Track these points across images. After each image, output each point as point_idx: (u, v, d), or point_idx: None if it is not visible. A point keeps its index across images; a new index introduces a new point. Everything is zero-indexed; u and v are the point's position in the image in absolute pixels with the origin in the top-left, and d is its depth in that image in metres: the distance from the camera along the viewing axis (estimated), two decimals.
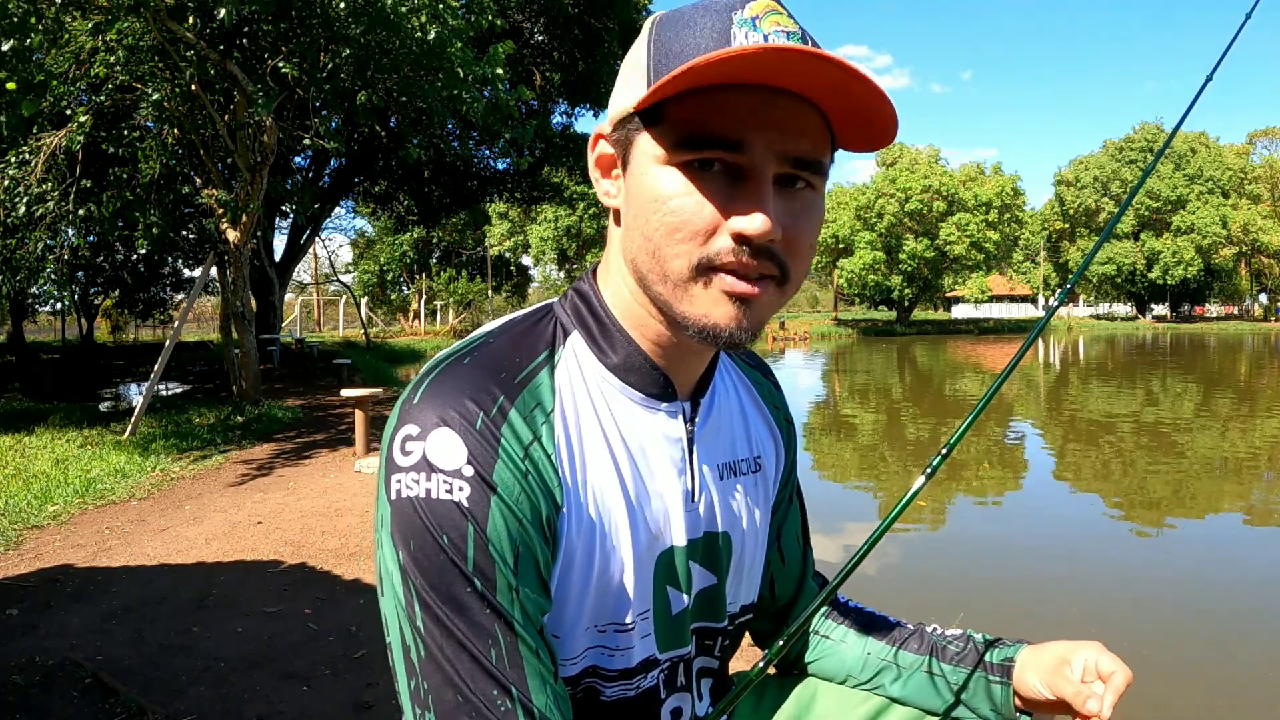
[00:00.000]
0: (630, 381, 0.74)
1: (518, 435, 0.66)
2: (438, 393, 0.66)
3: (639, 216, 0.67)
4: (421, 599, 0.63)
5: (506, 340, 0.73)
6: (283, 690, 2.61)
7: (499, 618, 0.63)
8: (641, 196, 0.67)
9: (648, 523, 0.74)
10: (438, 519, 0.63)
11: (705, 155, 0.64)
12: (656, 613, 0.76)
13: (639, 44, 0.70)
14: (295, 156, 15.84)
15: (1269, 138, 63.61)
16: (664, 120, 0.65)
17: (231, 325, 10.00)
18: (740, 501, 0.83)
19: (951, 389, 17.27)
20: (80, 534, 4.58)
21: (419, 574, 0.63)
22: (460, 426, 0.64)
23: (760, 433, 0.89)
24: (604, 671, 0.75)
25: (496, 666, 0.62)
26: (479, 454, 0.64)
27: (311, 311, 38.44)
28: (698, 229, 0.64)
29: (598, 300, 0.76)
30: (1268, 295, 60.88)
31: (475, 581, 0.63)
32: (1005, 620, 4.12)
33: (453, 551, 0.62)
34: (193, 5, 7.51)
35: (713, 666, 0.88)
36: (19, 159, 8.26)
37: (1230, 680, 3.47)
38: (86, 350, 23.98)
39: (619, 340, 0.74)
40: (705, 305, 0.66)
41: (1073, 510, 6.62)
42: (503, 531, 0.64)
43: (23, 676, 2.69)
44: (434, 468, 0.63)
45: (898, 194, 47.38)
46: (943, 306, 65.57)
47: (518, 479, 0.65)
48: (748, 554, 0.85)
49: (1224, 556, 5.20)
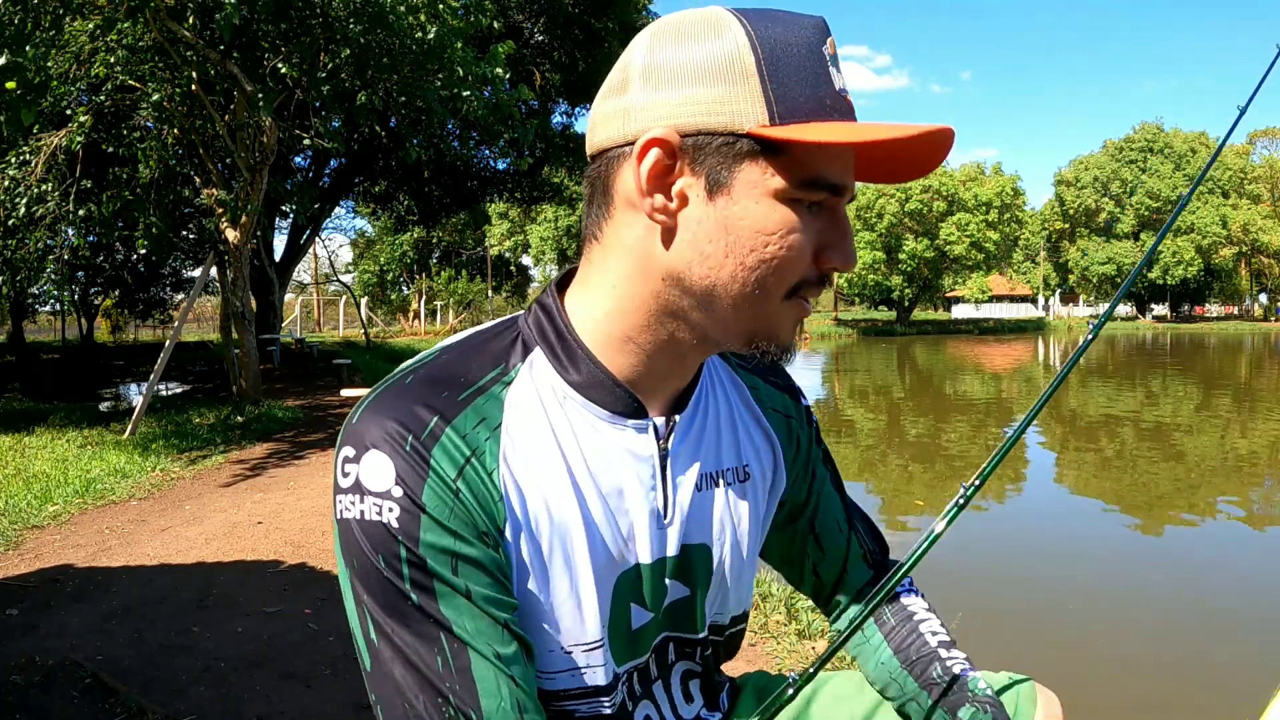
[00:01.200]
0: (593, 398, 0.73)
1: (449, 455, 0.66)
2: (374, 414, 0.67)
3: (739, 245, 0.66)
4: (370, 613, 0.65)
5: (457, 356, 0.73)
6: (283, 690, 2.61)
7: (441, 628, 0.64)
8: (749, 227, 0.66)
9: (607, 543, 0.73)
10: (371, 540, 0.64)
11: (817, 198, 0.67)
12: (615, 629, 0.76)
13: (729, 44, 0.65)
14: (295, 156, 15.84)
15: (1269, 138, 63.61)
16: (787, 154, 0.65)
17: (231, 325, 10.00)
18: (723, 512, 0.82)
19: (952, 389, 17.27)
20: (80, 534, 4.58)
21: (365, 591, 0.65)
22: (390, 448, 0.65)
23: (753, 440, 0.87)
24: (578, 691, 0.74)
25: (441, 675, 0.63)
26: (407, 476, 0.65)
27: (311, 311, 38.43)
28: (805, 263, 0.68)
29: (561, 317, 0.74)
30: (1268, 295, 60.86)
31: (413, 596, 0.64)
32: (1005, 620, 4.12)
33: (388, 570, 0.64)
34: (193, 5, 7.51)
35: (697, 670, 0.87)
36: (19, 159, 8.26)
37: (1232, 680, 3.47)
38: (86, 350, 23.98)
39: (581, 358, 0.73)
40: (785, 328, 0.71)
41: (1073, 510, 6.62)
42: (435, 548, 0.64)
43: (23, 676, 2.69)
44: (365, 490, 0.65)
45: (898, 194, 47.36)
46: (943, 306, 65.54)
47: (448, 499, 0.65)
48: (730, 565, 0.84)
49: (1225, 556, 5.20)
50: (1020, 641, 3.87)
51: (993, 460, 0.93)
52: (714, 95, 0.64)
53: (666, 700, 0.85)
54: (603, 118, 0.69)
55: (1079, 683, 3.33)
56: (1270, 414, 12.23)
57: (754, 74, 0.64)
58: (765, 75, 0.64)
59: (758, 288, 0.67)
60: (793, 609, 3.33)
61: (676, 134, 0.65)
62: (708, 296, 0.68)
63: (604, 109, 0.69)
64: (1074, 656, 3.64)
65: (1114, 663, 3.60)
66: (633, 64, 0.67)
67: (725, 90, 0.64)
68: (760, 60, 0.64)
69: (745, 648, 3.01)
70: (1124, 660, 3.66)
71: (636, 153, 0.66)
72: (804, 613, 3.30)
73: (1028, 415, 0.98)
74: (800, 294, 0.69)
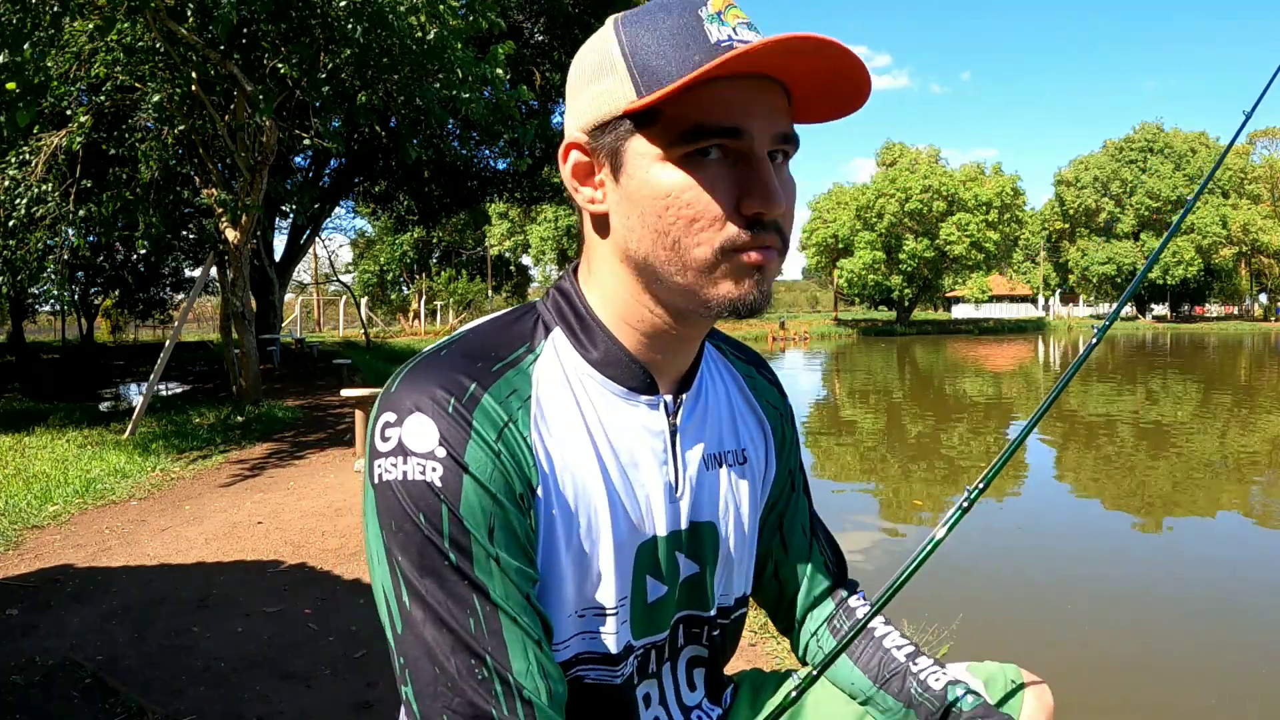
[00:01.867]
0: (611, 375, 0.77)
1: (490, 418, 0.69)
2: (414, 382, 0.70)
3: (647, 215, 0.70)
4: (405, 576, 0.66)
5: (486, 334, 0.77)
6: (283, 690, 2.61)
7: (476, 590, 0.65)
8: (648, 195, 0.70)
9: (628, 512, 0.76)
10: (414, 499, 0.66)
11: (705, 145, 0.68)
12: (634, 600, 0.78)
13: (603, 47, 0.72)
14: (295, 156, 15.84)
15: (1269, 138, 63.60)
16: (660, 120, 0.69)
17: (231, 325, 10.00)
18: (726, 492, 0.85)
19: (952, 389, 17.27)
20: (80, 534, 4.58)
21: (400, 553, 0.66)
22: (433, 411, 0.67)
23: (749, 426, 0.90)
24: (588, 656, 0.76)
25: (475, 637, 0.65)
26: (451, 436, 0.67)
27: (311, 311, 38.43)
28: (715, 215, 0.69)
29: (579, 298, 0.79)
30: (1268, 295, 60.87)
31: (451, 555, 0.65)
32: (1005, 619, 4.13)
33: (429, 529, 0.65)
34: (193, 5, 7.51)
35: (703, 656, 0.89)
36: (19, 159, 8.27)
37: (1233, 679, 3.47)
38: (86, 350, 23.98)
39: (599, 336, 0.77)
40: (729, 284, 0.71)
41: (1072, 509, 6.62)
42: (476, 508, 0.66)
43: (23, 676, 2.69)
44: (409, 451, 0.66)
45: (898, 194, 47.36)
46: (943, 306, 65.55)
47: (490, 458, 0.68)
48: (735, 545, 0.87)
49: (1224, 555, 5.20)
50: (1020, 641, 3.87)
51: (994, 467, 0.94)
52: (596, 91, 0.72)
53: (671, 683, 0.86)
54: None
55: (1078, 682, 3.33)
56: (1270, 414, 12.23)
57: (620, 61, 0.70)
58: (629, 58, 0.70)
59: (675, 248, 0.70)
60: None
61: (582, 134, 0.73)
62: (648, 268, 0.73)
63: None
64: (1073, 656, 3.65)
65: (1113, 662, 3.60)
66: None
67: (602, 84, 0.71)
68: (624, 48, 0.71)
69: (745, 648, 3.01)
70: (1123, 660, 3.66)
71: (560, 159, 0.76)
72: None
73: (1029, 422, 0.99)
74: (739, 248, 0.70)
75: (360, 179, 18.33)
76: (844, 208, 50.03)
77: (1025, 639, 3.91)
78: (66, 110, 8.30)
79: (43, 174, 8.24)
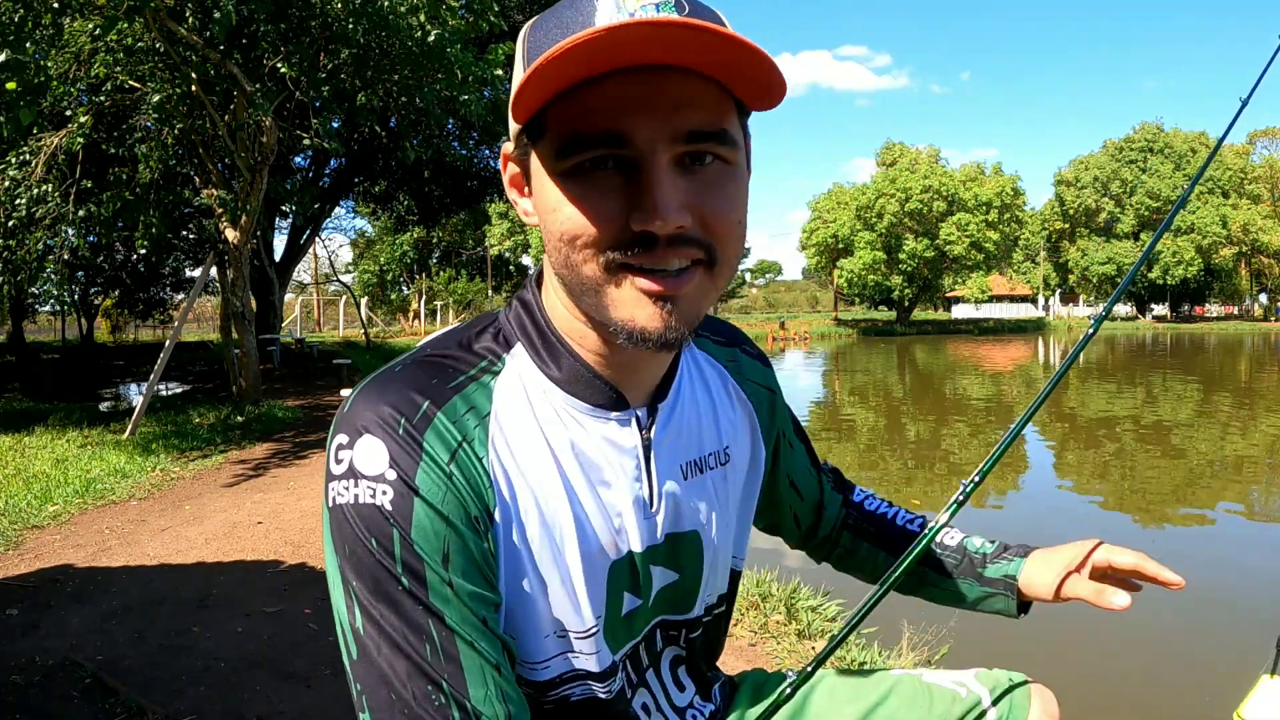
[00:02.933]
0: (575, 393, 0.73)
1: (443, 439, 0.66)
2: (366, 401, 0.67)
3: (547, 230, 0.66)
4: (359, 601, 0.64)
5: (445, 348, 0.73)
6: (283, 690, 2.61)
7: (431, 615, 0.64)
8: (543, 210, 0.66)
9: (597, 533, 0.74)
10: (365, 523, 0.64)
11: (589, 156, 0.61)
12: (610, 618, 0.77)
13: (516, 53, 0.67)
14: (295, 156, 15.84)
15: (1269, 138, 63.56)
16: (546, 130, 0.63)
17: (231, 325, 10.00)
18: (709, 498, 0.83)
19: (952, 389, 17.27)
20: (80, 534, 4.58)
21: (354, 577, 0.64)
22: (383, 432, 0.65)
23: (731, 419, 0.88)
24: (572, 675, 0.75)
25: (430, 663, 0.63)
26: (400, 458, 0.64)
27: (311, 311, 38.43)
28: (594, 233, 0.63)
29: (540, 312, 0.75)
30: (1268, 295, 60.84)
31: (404, 580, 0.63)
32: (1007, 628, 4.12)
33: (381, 554, 0.63)
34: (192, 5, 7.51)
35: (683, 655, 0.88)
36: (19, 159, 8.27)
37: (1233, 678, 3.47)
38: (86, 350, 23.98)
39: (562, 354, 0.73)
40: (627, 308, 0.65)
41: (1072, 509, 6.62)
42: (429, 531, 0.64)
43: (23, 676, 2.69)
44: (360, 474, 0.64)
45: (898, 194, 47.34)
46: (943, 306, 65.51)
47: (442, 481, 0.65)
48: (719, 549, 0.86)
49: (1224, 554, 5.20)
50: (1019, 640, 3.87)
51: (992, 458, 0.94)
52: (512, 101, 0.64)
53: (660, 688, 0.85)
54: None
55: (1077, 681, 3.33)
56: (1270, 414, 12.23)
57: (519, 64, 0.66)
58: (525, 59, 0.66)
59: (565, 266, 0.66)
60: (793, 609, 3.33)
61: (513, 145, 0.70)
62: (565, 287, 0.70)
63: None
64: (1072, 655, 3.64)
65: (1113, 661, 3.60)
66: None
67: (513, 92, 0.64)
68: (524, 49, 0.66)
69: (745, 648, 3.01)
70: (1123, 659, 3.66)
71: (502, 169, 0.73)
72: (804, 613, 3.30)
73: (1025, 414, 0.99)
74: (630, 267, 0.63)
75: (360, 179, 18.34)
76: (844, 208, 50.00)
77: (1025, 639, 3.90)
78: (66, 110, 8.31)
79: (43, 174, 8.24)
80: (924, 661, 3.12)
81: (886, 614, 3.52)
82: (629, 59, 0.58)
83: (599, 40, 0.54)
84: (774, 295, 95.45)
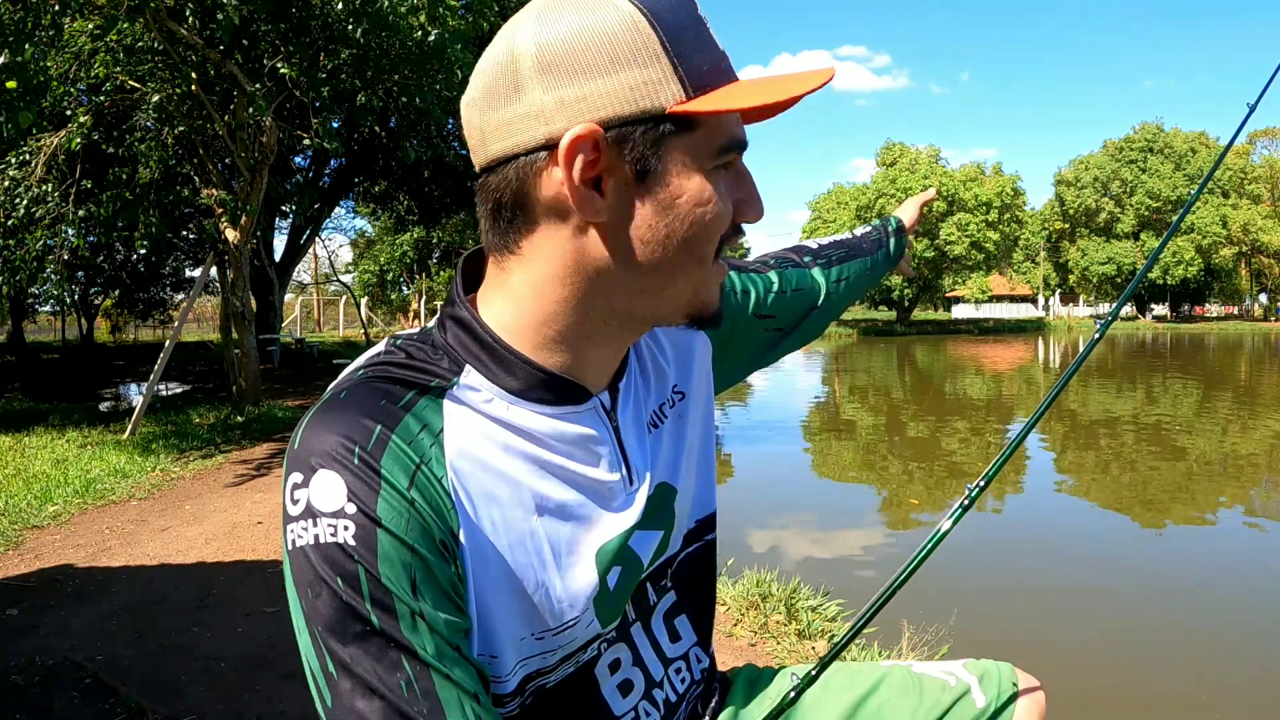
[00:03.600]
0: (535, 398, 0.71)
1: (400, 463, 0.64)
2: (314, 434, 0.64)
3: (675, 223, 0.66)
4: (327, 645, 0.61)
5: (384, 371, 0.70)
6: (283, 690, 2.61)
7: (403, 650, 0.61)
8: (685, 203, 0.66)
9: (578, 527, 0.73)
10: (329, 564, 0.61)
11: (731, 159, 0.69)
12: (598, 601, 0.75)
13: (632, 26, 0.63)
14: (295, 156, 15.85)
15: (1269, 138, 63.57)
16: (699, 127, 0.66)
17: (231, 325, 10.00)
18: (674, 443, 0.83)
19: (952, 390, 17.27)
20: (80, 534, 4.58)
21: (320, 621, 0.61)
22: (337, 465, 0.62)
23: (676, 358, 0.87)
24: (548, 668, 0.74)
25: (407, 700, 0.60)
26: (358, 489, 0.62)
27: (311, 311, 38.44)
28: (727, 222, 0.70)
29: (483, 330, 0.71)
30: (1268, 295, 60.84)
31: (373, 618, 0.61)
32: (1004, 618, 4.13)
33: (348, 593, 0.61)
34: (192, 6, 7.51)
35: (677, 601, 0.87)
36: (19, 159, 8.27)
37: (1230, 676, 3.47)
38: (86, 350, 23.98)
39: (515, 363, 0.71)
40: (712, 291, 0.72)
41: (1072, 509, 6.62)
42: (395, 562, 0.62)
43: (23, 676, 2.69)
44: (317, 513, 0.62)
45: (898, 194, 47.33)
46: (943, 306, 65.50)
47: (404, 507, 0.63)
48: (695, 479, 0.86)
49: (1223, 554, 5.20)
50: (1017, 639, 3.87)
51: (996, 463, 0.95)
52: (629, 81, 0.62)
53: (647, 641, 0.84)
54: (497, 126, 0.65)
55: (1075, 681, 3.33)
56: (1270, 414, 12.23)
57: (661, 53, 0.63)
58: (670, 51, 0.63)
59: (693, 258, 0.68)
60: (793, 609, 3.33)
61: (600, 129, 0.63)
62: (649, 281, 0.68)
63: (496, 118, 0.65)
64: (1072, 656, 3.65)
65: (1111, 661, 3.60)
66: (520, 61, 0.63)
67: (639, 74, 0.62)
68: (662, 37, 0.63)
69: (745, 648, 3.01)
70: (1122, 658, 3.66)
71: (563, 157, 0.63)
72: (803, 613, 3.31)
73: (1030, 420, 1.00)
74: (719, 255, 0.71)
75: (360, 179, 18.35)
76: (844, 208, 50.00)
77: (1023, 637, 3.91)
78: (66, 110, 8.31)
79: (43, 174, 8.25)
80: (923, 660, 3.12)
81: (886, 613, 3.51)
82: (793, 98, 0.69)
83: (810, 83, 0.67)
84: None
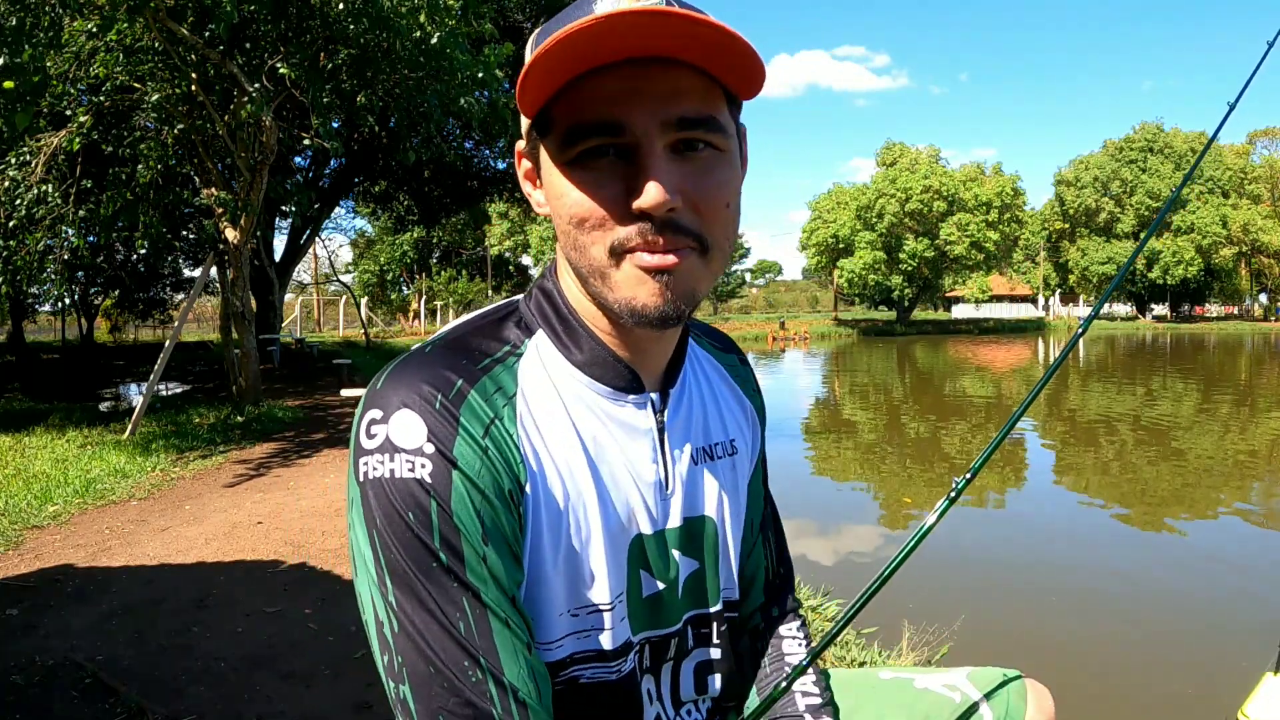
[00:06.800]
0: (596, 376, 0.76)
1: (477, 415, 0.68)
2: (399, 379, 0.68)
3: (557, 218, 0.71)
4: (393, 575, 0.64)
5: (471, 332, 0.76)
6: (283, 690, 2.61)
7: (466, 590, 0.64)
8: (552, 198, 0.70)
9: (617, 510, 0.76)
10: (403, 497, 0.64)
11: (590, 145, 0.66)
12: (630, 595, 0.78)
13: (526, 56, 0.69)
14: (295, 156, 15.85)
15: (1269, 138, 63.54)
16: (552, 125, 0.68)
17: (231, 325, 9.99)
18: (719, 486, 0.85)
19: (951, 389, 17.26)
20: (80, 534, 4.58)
21: (388, 551, 0.64)
22: (420, 407, 0.66)
23: (735, 415, 0.90)
24: (583, 655, 0.75)
25: (466, 638, 0.63)
26: (439, 431, 0.65)
27: (311, 311, 38.44)
28: (599, 215, 0.67)
29: (561, 298, 0.78)
30: (1268, 295, 60.82)
31: (442, 555, 0.64)
32: (1004, 618, 4.12)
33: (419, 527, 0.64)
34: (192, 5, 7.51)
35: (714, 659, 0.86)
36: (19, 159, 8.26)
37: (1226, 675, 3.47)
38: (86, 350, 23.98)
39: (583, 337, 0.76)
40: (628, 288, 0.68)
41: (1072, 509, 6.62)
42: (466, 504, 0.65)
43: (23, 676, 2.69)
44: (397, 448, 0.65)
45: (898, 194, 47.32)
46: (943, 306, 65.47)
47: (478, 455, 0.66)
48: (732, 536, 0.87)
49: (1223, 554, 5.20)
50: (1018, 639, 3.87)
51: (982, 457, 0.94)
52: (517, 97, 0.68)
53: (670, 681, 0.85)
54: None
55: (1079, 683, 3.33)
56: (1269, 414, 12.23)
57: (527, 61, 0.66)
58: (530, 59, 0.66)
59: (574, 250, 0.70)
60: None
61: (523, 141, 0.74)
62: (576, 272, 0.73)
63: None
64: (1071, 654, 3.64)
65: (1111, 661, 3.60)
66: None
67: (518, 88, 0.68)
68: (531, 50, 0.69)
69: None
70: (1122, 658, 3.65)
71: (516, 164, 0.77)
72: (804, 612, 3.30)
73: (1015, 413, 0.99)
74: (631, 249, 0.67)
75: (360, 179, 18.34)
76: (844, 208, 49.98)
77: (1027, 639, 3.90)
78: (66, 110, 8.30)
79: (43, 174, 8.24)
80: (924, 661, 3.12)
81: (887, 613, 3.52)
82: (620, 47, 0.62)
83: (590, 29, 0.59)
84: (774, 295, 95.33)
